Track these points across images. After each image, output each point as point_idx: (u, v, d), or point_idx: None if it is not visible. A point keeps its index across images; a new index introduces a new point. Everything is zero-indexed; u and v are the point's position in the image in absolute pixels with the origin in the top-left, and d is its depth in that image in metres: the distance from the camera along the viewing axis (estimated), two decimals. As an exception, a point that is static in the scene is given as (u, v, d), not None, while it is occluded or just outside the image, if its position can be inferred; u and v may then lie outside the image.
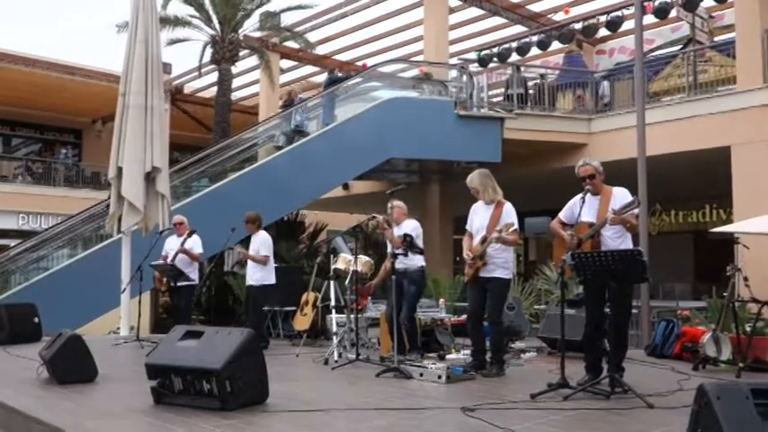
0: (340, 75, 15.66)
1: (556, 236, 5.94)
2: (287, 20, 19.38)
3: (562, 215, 5.95)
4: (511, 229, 6.25)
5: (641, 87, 10.14)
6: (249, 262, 9.05)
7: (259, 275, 8.90)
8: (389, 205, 7.42)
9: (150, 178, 10.22)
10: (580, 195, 5.71)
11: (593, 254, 5.24)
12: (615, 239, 5.61)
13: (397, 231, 7.25)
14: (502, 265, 6.48)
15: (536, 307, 11.28)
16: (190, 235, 9.18)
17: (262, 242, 8.97)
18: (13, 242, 16.02)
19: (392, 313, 7.08)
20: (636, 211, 5.51)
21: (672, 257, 14.79)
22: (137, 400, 5.00)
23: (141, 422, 4.46)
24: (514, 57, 15.55)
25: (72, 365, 5.87)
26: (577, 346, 6.91)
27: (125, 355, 8.17)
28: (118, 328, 10.44)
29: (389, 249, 7.60)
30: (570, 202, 5.90)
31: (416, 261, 7.36)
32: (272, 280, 9.00)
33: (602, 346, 5.83)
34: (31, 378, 6.08)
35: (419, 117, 13.20)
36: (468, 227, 6.77)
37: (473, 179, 6.65)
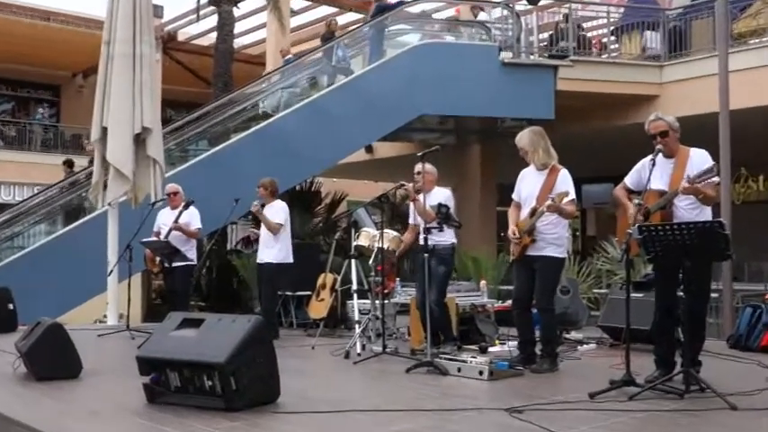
0: (391, 1, 15.36)
1: (620, 205, 5.87)
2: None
3: (628, 180, 5.88)
4: (566, 200, 6.19)
5: (724, 27, 9.92)
6: (262, 237, 9.09)
7: (275, 252, 8.96)
8: (417, 170, 7.37)
9: (140, 141, 10.27)
10: (650, 157, 5.63)
11: (666, 226, 5.18)
12: (691, 210, 5.54)
13: (428, 201, 7.20)
14: (554, 241, 6.44)
15: (595, 291, 11.21)
16: (186, 207, 9.23)
17: (277, 210, 9.04)
18: (-18, 217, 16.24)
19: (423, 299, 7.08)
20: (715, 179, 5.41)
21: (760, 231, 14.58)
22: (127, 399, 5.07)
23: (132, 423, 4.52)
24: (570, -9, 15.26)
25: (53, 359, 5.95)
26: (645, 336, 6.85)
27: (113, 347, 8.27)
28: (105, 316, 10.58)
29: (411, 220, 7.57)
30: (638, 165, 5.83)
31: (447, 237, 7.33)
32: (289, 259, 9.07)
33: (676, 337, 5.78)
34: (6, 373, 6.18)
35: (456, 65, 13.07)
36: (514, 196, 6.72)
37: (522, 137, 6.60)
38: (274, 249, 8.97)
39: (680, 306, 5.61)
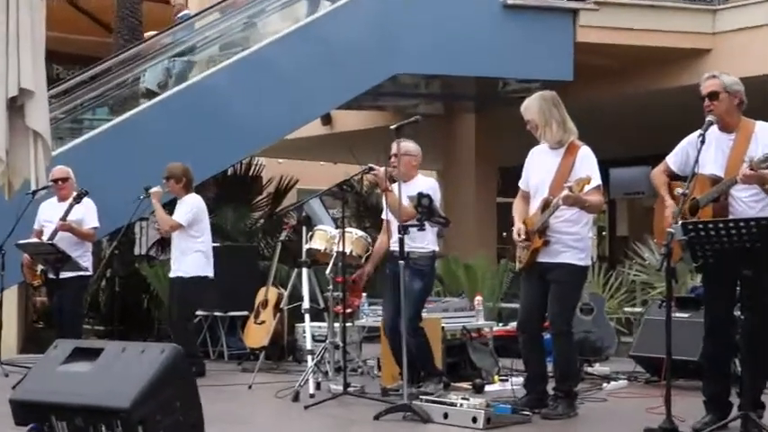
0: None
1: (659, 195, 5.91)
2: None
3: (671, 160, 5.95)
4: (588, 187, 6.22)
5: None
6: (175, 241, 9.11)
7: (184, 263, 8.98)
8: (392, 150, 7.38)
9: (16, 108, 10.18)
10: (699, 131, 5.67)
11: (719, 224, 5.22)
12: (754, 204, 5.59)
13: (406, 192, 7.20)
14: (573, 243, 6.48)
15: (627, 309, 11.28)
16: (78, 199, 9.18)
17: (189, 207, 9.06)
18: None
19: (394, 322, 7.11)
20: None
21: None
22: (-2, 457, 5.04)
23: (5, 491, 4.49)
24: None
25: None
26: (692, 370, 6.92)
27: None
28: (-32, 346, 10.50)
29: (386, 215, 7.58)
30: (685, 141, 5.88)
31: (425, 243, 7.36)
32: (205, 270, 9.09)
33: (732, 371, 5.83)
34: None
35: (443, 8, 13.07)
36: (521, 184, 6.76)
37: (529, 107, 6.62)
38: (184, 259, 9.02)
39: (737, 330, 5.66)
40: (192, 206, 9.09)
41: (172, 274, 9.18)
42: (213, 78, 12.93)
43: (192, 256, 9.02)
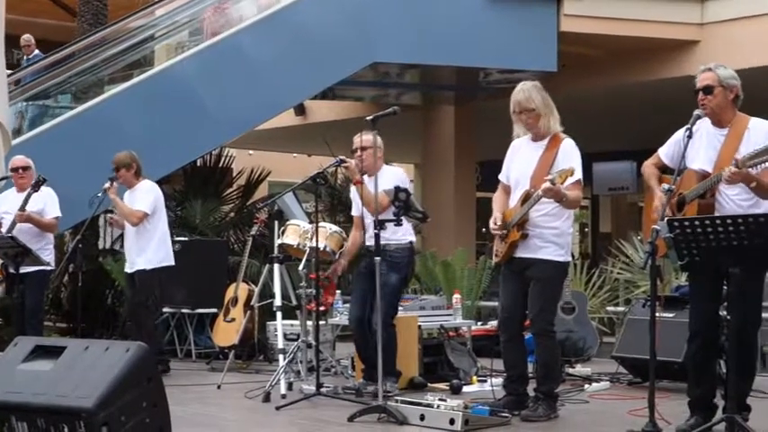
0: None
1: (649, 189, 5.94)
2: None
3: (663, 152, 5.98)
4: (569, 180, 6.25)
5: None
6: (131, 232, 9.12)
7: (148, 254, 9.00)
8: (356, 142, 7.38)
9: (-27, 95, 10.13)
10: (687, 125, 5.69)
11: (705, 221, 5.25)
12: (743, 201, 5.62)
13: (375, 185, 7.16)
14: (553, 238, 6.51)
15: (610, 309, 11.34)
16: (36, 187, 9.13)
17: (143, 193, 9.10)
18: None
19: (361, 315, 7.13)
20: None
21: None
22: (-45, 459, 5.01)
23: (-38, 494, 4.48)
24: None
25: None
26: (677, 371, 6.96)
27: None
28: (-77, 343, 10.44)
29: (356, 212, 7.59)
30: (678, 134, 5.89)
31: (401, 233, 7.38)
32: (168, 260, 9.13)
33: (717, 372, 5.87)
34: None
35: (422, -5, 13.10)
36: (501, 176, 6.78)
37: (532, 96, 6.53)
38: (146, 250, 9.04)
39: (723, 330, 5.70)
40: (148, 192, 9.14)
41: (132, 269, 9.15)
42: (181, 66, 12.89)
43: (153, 246, 9.05)
